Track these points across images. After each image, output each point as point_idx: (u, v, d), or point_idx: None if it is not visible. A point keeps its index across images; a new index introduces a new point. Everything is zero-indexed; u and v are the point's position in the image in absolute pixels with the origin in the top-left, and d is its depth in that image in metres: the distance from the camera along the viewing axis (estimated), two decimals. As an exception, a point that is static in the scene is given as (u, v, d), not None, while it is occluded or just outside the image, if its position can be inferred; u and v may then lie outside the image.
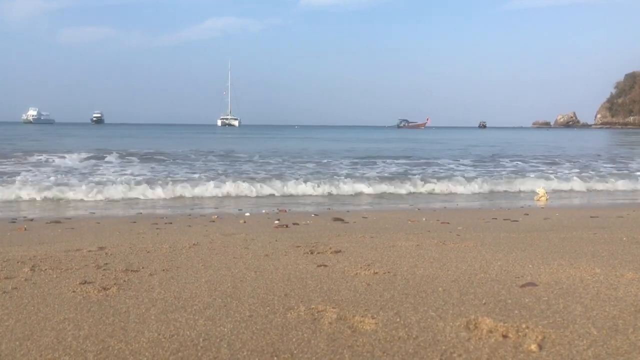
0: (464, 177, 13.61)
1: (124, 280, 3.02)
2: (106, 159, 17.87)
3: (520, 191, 12.34)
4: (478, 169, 17.17)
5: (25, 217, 7.73)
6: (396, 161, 19.45)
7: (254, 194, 11.11)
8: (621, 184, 13.26)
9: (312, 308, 2.44)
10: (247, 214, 8.01)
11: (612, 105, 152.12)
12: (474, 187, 12.42)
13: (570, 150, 28.61)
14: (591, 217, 6.91)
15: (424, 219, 6.84)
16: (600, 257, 3.53)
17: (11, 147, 23.33)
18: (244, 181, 11.92)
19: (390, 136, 62.23)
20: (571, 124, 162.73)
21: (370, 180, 12.75)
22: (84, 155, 18.56)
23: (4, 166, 15.18)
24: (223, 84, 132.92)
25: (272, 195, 11.16)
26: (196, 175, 13.58)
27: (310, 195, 11.30)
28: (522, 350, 1.92)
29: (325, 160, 19.35)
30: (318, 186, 11.71)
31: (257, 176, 13.70)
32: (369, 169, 16.46)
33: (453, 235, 4.82)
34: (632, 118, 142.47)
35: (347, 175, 13.87)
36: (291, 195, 11.20)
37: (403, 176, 14.07)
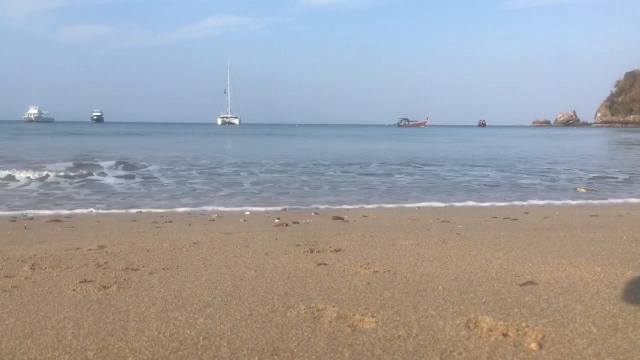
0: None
1: (124, 279, 3.02)
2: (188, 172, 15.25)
3: None
4: None
5: (25, 215, 7.73)
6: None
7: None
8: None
9: (312, 307, 2.44)
10: (247, 213, 8.01)
11: (612, 104, 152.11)
12: None
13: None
14: (591, 215, 6.91)
15: (423, 218, 6.84)
16: (600, 255, 3.53)
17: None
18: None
19: (405, 134, 61.91)
20: (571, 122, 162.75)
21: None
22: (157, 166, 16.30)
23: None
24: (223, 82, 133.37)
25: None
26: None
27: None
28: (522, 348, 1.92)
29: (427, 168, 17.58)
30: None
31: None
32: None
33: (453, 234, 4.82)
34: (632, 117, 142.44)
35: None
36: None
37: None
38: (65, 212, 8.34)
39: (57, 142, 33.62)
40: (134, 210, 8.59)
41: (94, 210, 8.57)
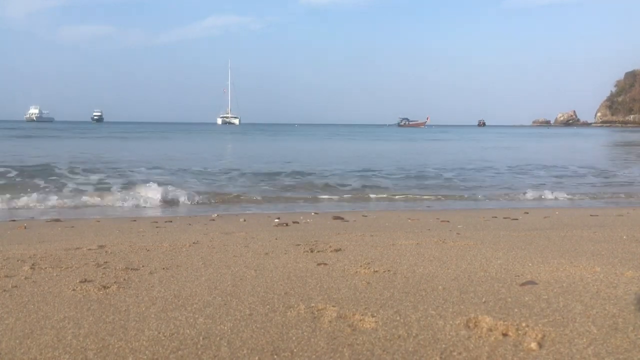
0: None
1: (124, 279, 3.02)
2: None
3: None
4: None
5: (25, 215, 7.73)
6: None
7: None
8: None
9: (312, 306, 2.44)
10: (247, 212, 8.01)
11: (612, 104, 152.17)
12: None
13: None
14: (591, 215, 6.91)
15: (423, 218, 6.84)
16: (600, 255, 3.53)
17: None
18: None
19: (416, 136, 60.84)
20: (571, 122, 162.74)
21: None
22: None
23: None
24: (223, 82, 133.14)
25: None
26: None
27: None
28: (522, 348, 1.92)
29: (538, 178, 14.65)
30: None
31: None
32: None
33: (453, 234, 4.82)
34: (632, 117, 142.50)
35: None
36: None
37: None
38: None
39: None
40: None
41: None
